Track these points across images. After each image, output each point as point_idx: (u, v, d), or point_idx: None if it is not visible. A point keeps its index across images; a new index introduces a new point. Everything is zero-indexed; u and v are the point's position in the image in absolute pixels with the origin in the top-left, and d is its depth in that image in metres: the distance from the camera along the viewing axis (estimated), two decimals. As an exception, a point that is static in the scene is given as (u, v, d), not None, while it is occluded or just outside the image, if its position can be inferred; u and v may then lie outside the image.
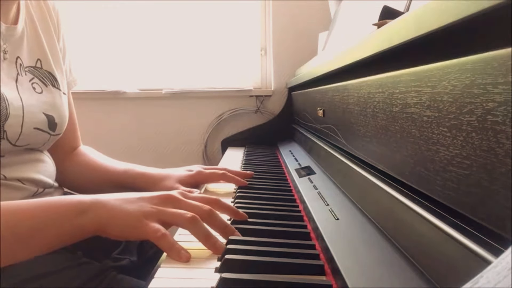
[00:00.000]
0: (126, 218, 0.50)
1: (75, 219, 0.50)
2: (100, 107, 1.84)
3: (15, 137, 0.62)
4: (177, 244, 0.48)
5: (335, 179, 0.73)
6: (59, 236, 0.50)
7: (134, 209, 0.51)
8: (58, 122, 0.72)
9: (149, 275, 0.44)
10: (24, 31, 0.69)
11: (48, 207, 0.51)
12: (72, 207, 0.51)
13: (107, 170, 0.83)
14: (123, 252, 0.71)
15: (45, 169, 0.70)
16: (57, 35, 0.78)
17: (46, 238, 0.50)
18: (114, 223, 0.50)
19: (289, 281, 0.40)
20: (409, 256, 0.38)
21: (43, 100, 0.69)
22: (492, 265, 0.19)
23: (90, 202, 0.51)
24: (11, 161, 0.63)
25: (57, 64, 0.76)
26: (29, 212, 0.50)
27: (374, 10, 0.75)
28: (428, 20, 0.35)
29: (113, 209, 0.51)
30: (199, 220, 0.50)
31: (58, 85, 0.74)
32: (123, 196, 0.53)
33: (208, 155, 1.86)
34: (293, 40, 1.79)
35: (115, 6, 1.88)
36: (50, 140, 0.71)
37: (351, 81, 0.65)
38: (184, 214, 0.50)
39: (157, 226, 0.49)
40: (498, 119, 0.27)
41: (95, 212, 0.51)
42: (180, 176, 0.78)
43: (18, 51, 0.67)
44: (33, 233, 0.49)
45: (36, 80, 0.69)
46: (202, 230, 0.50)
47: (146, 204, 0.52)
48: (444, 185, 0.35)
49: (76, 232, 0.51)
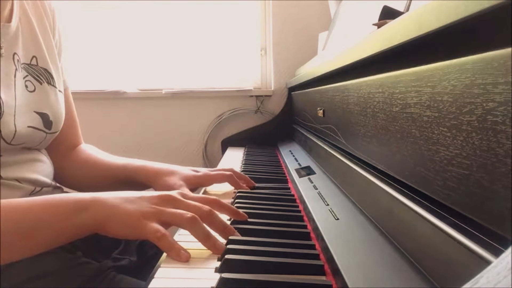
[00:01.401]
0: (126, 217, 0.50)
1: (75, 217, 0.50)
2: (100, 107, 1.84)
3: (10, 136, 0.62)
4: (177, 244, 0.48)
5: (335, 179, 0.73)
6: (58, 234, 0.50)
7: (134, 209, 0.51)
8: (54, 120, 0.71)
9: (149, 275, 0.44)
10: (19, 28, 0.69)
11: (48, 205, 0.51)
12: (72, 205, 0.51)
13: (107, 166, 0.82)
14: (123, 252, 0.71)
15: (42, 169, 0.70)
16: (52, 31, 0.77)
17: (45, 236, 0.50)
18: (113, 222, 0.50)
19: (289, 281, 0.40)
20: (409, 256, 0.38)
21: (35, 99, 0.68)
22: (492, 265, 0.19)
23: (89, 200, 0.51)
24: (8, 161, 0.63)
25: (53, 62, 0.75)
26: (29, 210, 0.50)
27: (374, 10, 0.75)
28: (428, 20, 0.35)
29: (113, 208, 0.51)
30: (199, 221, 0.50)
31: (54, 82, 0.73)
32: (122, 194, 0.53)
33: (208, 155, 1.86)
34: (293, 40, 1.79)
35: (115, 6, 1.88)
36: (46, 138, 0.70)
37: (351, 81, 0.65)
38: (184, 214, 0.50)
39: (156, 226, 0.49)
40: (498, 119, 0.27)
41: (94, 210, 0.51)
42: (186, 175, 0.77)
43: (14, 47, 0.67)
44: (33, 231, 0.49)
45: (29, 78, 0.69)
46: (202, 230, 0.50)
47: (146, 204, 0.52)
48: (444, 185, 0.35)
49: (75, 230, 0.51)
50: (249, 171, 1.00)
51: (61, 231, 0.50)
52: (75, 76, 1.83)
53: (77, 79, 1.84)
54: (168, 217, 0.51)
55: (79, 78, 1.84)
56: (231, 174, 0.79)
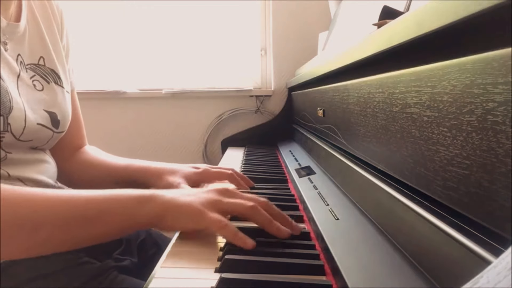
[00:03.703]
0: (187, 208, 0.51)
1: (137, 209, 0.51)
2: (100, 107, 1.84)
3: (19, 131, 0.62)
4: (240, 233, 0.49)
5: (335, 179, 0.73)
6: (120, 224, 0.52)
7: (193, 200, 0.52)
8: (61, 119, 0.72)
9: (149, 275, 0.44)
10: (26, 29, 0.69)
11: (110, 197, 0.52)
12: (133, 198, 0.52)
13: (110, 167, 0.83)
14: (124, 253, 0.71)
15: (47, 170, 0.70)
16: (60, 33, 0.78)
17: (108, 225, 0.51)
18: (174, 213, 0.51)
19: (289, 281, 0.40)
20: (409, 256, 0.38)
21: (44, 98, 0.69)
22: (492, 265, 0.19)
23: (149, 194, 0.53)
24: (14, 159, 0.63)
25: (61, 63, 0.76)
26: (93, 199, 0.52)
27: (374, 10, 0.75)
28: (428, 20, 0.35)
29: (172, 200, 0.52)
30: (260, 208, 0.52)
31: (61, 82, 0.74)
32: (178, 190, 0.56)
33: (208, 155, 1.86)
34: (293, 40, 1.79)
35: (115, 6, 1.88)
36: (53, 137, 0.71)
37: (351, 81, 0.65)
38: (245, 203, 0.52)
39: (218, 216, 0.50)
40: (498, 119, 0.27)
41: (155, 202, 0.52)
42: (186, 173, 0.77)
43: (19, 48, 0.67)
44: (97, 219, 0.50)
45: (37, 78, 0.69)
46: (265, 216, 0.51)
47: (204, 195, 0.53)
48: (444, 185, 0.35)
49: (135, 222, 0.52)
50: (249, 171, 1.00)
51: (123, 222, 0.51)
52: (75, 76, 1.84)
53: (77, 79, 1.83)
54: (229, 206, 0.52)
55: (79, 78, 1.84)
56: (231, 173, 0.79)
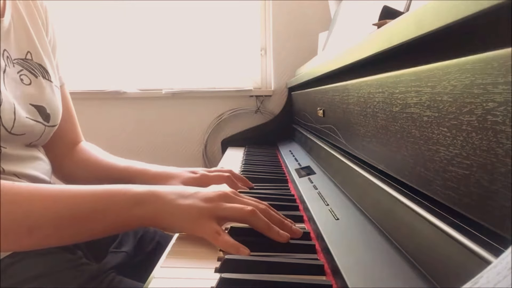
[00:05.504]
0: (184, 214, 0.51)
1: (133, 208, 0.51)
2: (100, 107, 1.84)
3: (10, 124, 0.62)
4: (235, 242, 0.49)
5: (335, 179, 0.73)
6: (115, 223, 0.52)
7: (191, 204, 0.52)
8: (51, 113, 0.71)
9: (148, 274, 0.44)
10: (11, 24, 0.69)
11: (106, 195, 0.53)
12: (130, 196, 0.52)
13: (108, 167, 0.82)
14: (119, 245, 0.71)
15: (41, 167, 0.70)
16: (45, 29, 0.78)
17: (103, 223, 0.51)
18: (170, 217, 0.51)
19: (289, 281, 0.40)
20: (409, 256, 0.38)
21: (31, 92, 0.69)
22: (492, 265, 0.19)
23: (146, 194, 0.53)
24: (9, 155, 0.63)
25: (48, 58, 0.76)
26: (88, 197, 0.52)
27: (374, 10, 0.75)
28: (428, 20, 0.35)
29: (170, 203, 0.52)
30: (258, 213, 0.51)
31: (49, 77, 0.74)
32: (177, 189, 0.54)
33: (208, 155, 1.86)
34: (293, 40, 1.79)
35: (115, 6, 1.88)
36: (46, 131, 0.70)
37: (351, 81, 0.65)
38: (244, 208, 0.51)
39: (214, 226, 0.50)
40: (498, 119, 0.27)
41: (152, 204, 0.52)
42: (185, 178, 0.77)
43: (4, 43, 0.67)
44: (92, 217, 0.51)
45: (25, 72, 0.69)
46: (264, 221, 0.51)
47: (202, 200, 0.53)
48: (444, 185, 0.35)
49: (131, 221, 0.52)
50: (249, 171, 1.00)
51: (119, 220, 0.52)
52: (76, 76, 1.84)
53: (78, 79, 1.84)
54: (226, 211, 0.52)
55: (79, 78, 1.85)
56: (229, 175, 0.79)
